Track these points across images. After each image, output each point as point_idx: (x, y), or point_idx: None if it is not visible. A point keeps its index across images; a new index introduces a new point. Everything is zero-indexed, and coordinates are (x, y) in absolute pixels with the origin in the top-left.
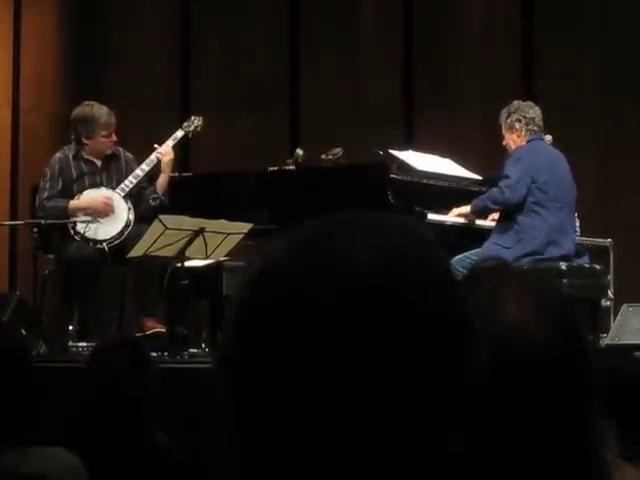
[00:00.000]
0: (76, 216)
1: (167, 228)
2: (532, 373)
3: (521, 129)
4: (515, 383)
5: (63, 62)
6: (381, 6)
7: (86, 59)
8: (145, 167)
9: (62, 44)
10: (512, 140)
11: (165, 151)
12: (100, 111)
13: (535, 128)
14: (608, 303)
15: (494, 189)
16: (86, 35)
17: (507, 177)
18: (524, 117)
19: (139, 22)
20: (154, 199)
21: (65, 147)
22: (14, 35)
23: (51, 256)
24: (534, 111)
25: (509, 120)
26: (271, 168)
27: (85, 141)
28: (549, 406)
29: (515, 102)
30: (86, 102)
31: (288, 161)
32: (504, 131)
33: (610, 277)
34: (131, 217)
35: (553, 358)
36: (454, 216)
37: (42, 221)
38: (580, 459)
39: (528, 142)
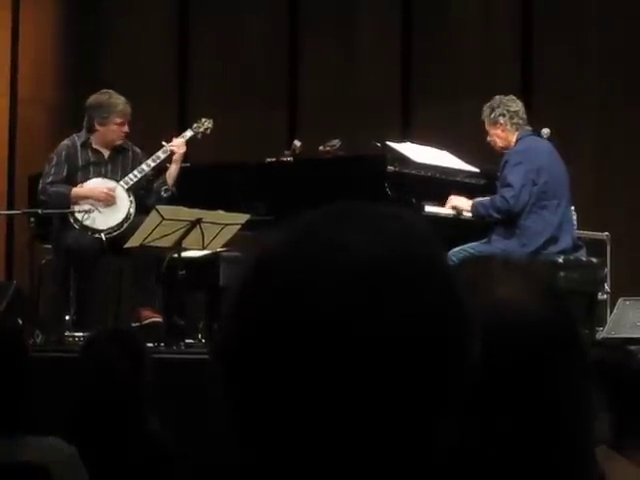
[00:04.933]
0: (77, 204)
1: (164, 219)
2: (521, 349)
3: (505, 123)
4: (503, 359)
5: (61, 53)
6: None
7: (84, 50)
8: (151, 162)
9: (60, 35)
10: (497, 136)
11: (179, 144)
12: (117, 100)
13: (520, 121)
14: (605, 296)
15: (497, 198)
16: (85, 26)
17: (509, 185)
18: (507, 111)
19: (138, 13)
20: (165, 190)
21: (74, 135)
22: (13, 26)
23: (48, 246)
24: (517, 104)
25: (492, 115)
26: (269, 159)
27: (98, 127)
28: (540, 382)
29: (497, 97)
30: (103, 90)
31: (286, 152)
32: (487, 127)
33: (607, 270)
34: (132, 210)
35: (545, 334)
36: (449, 206)
37: (39, 211)
38: (567, 438)
39: (519, 140)
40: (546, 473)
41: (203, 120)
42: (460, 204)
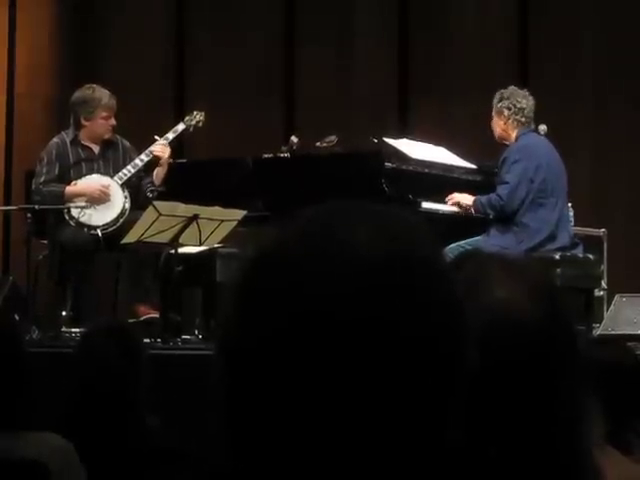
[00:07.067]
0: (72, 202)
1: (161, 214)
2: (519, 350)
3: (508, 117)
4: (501, 360)
5: (58, 48)
6: None
7: (81, 45)
8: (144, 157)
9: (57, 30)
10: (498, 125)
11: (163, 150)
12: (101, 93)
13: (522, 119)
14: (601, 293)
15: (493, 196)
16: (81, 21)
17: (506, 183)
18: (514, 106)
19: (135, 8)
20: (152, 191)
21: (63, 132)
22: (9, 21)
23: (45, 241)
24: (527, 101)
25: (500, 104)
26: (266, 155)
27: (84, 123)
28: (537, 382)
29: (511, 87)
30: (87, 85)
31: (283, 148)
32: (493, 112)
33: (603, 267)
34: (127, 206)
35: (540, 337)
36: (452, 203)
37: (35, 206)
38: (564, 438)
39: (519, 137)
40: (544, 472)
41: (195, 113)
42: (462, 200)
